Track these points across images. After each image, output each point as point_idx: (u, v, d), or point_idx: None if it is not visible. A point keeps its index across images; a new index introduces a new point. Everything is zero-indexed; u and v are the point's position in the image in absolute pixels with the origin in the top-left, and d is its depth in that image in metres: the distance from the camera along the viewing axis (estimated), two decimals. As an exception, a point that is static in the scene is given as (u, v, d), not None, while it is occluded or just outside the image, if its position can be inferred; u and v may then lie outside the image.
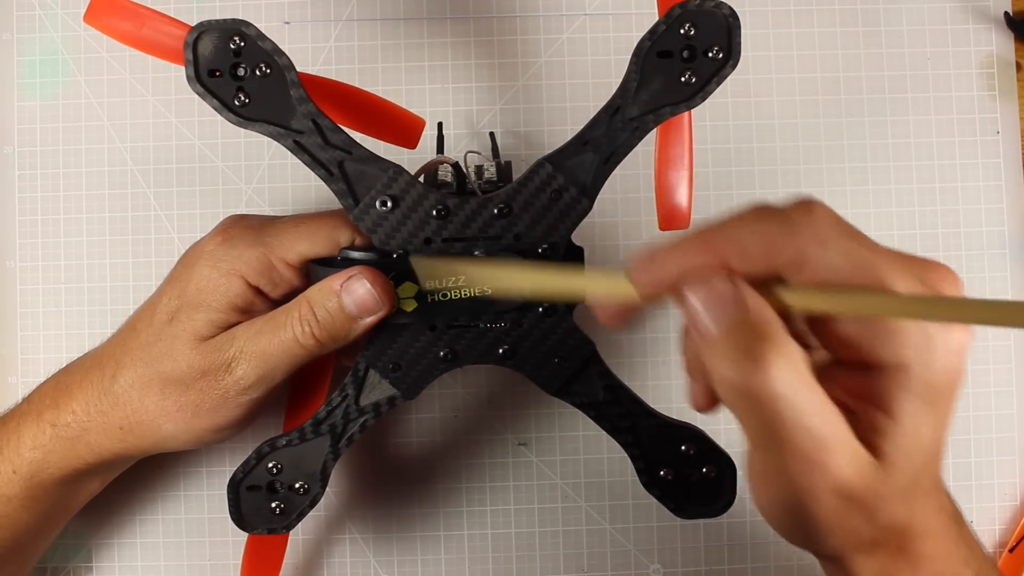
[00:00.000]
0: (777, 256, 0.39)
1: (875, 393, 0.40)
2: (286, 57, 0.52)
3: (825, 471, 0.39)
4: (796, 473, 0.39)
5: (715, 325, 0.39)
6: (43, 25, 0.70)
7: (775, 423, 0.38)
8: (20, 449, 0.56)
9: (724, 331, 0.39)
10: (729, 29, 0.51)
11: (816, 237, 0.39)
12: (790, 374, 0.38)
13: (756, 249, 0.40)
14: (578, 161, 0.53)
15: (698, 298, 0.40)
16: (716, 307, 0.39)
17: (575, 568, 0.69)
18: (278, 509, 0.56)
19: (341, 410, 0.55)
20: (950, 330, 0.39)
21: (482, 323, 0.54)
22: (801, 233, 0.39)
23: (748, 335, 0.39)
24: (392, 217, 0.53)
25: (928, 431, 0.40)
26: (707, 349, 0.40)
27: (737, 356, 0.39)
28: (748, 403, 0.39)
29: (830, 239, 0.39)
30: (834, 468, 0.39)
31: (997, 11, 0.70)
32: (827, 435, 0.38)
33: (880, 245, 0.40)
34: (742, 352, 0.38)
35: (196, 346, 0.54)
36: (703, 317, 0.40)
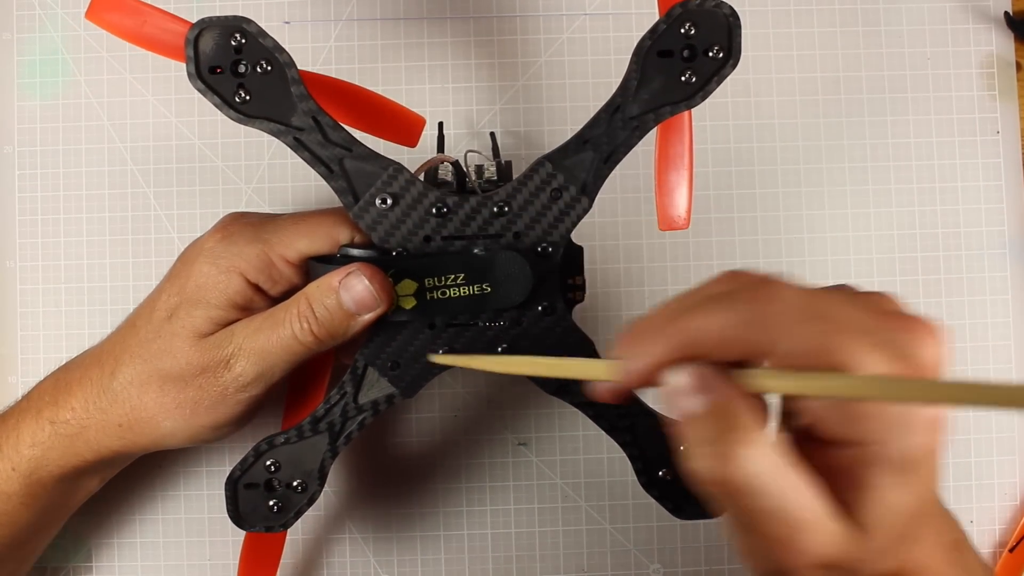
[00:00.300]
0: (748, 345, 0.39)
1: (849, 466, 0.39)
2: (287, 54, 0.52)
3: (803, 551, 0.38)
4: (774, 554, 0.39)
5: (684, 416, 0.39)
6: (43, 25, 0.70)
7: (749, 510, 0.38)
8: (19, 446, 0.56)
9: (692, 422, 0.39)
10: (729, 28, 0.52)
11: (779, 326, 0.38)
12: (760, 463, 0.37)
13: (728, 337, 0.39)
14: (578, 160, 0.53)
15: (668, 392, 0.40)
16: (684, 399, 0.39)
17: (575, 568, 0.69)
18: (276, 507, 0.55)
19: (339, 408, 0.55)
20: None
21: (481, 321, 0.54)
22: (765, 323, 0.38)
23: (716, 426, 0.38)
24: (392, 215, 0.53)
25: (907, 496, 0.39)
26: (680, 437, 0.40)
27: (706, 449, 0.38)
28: (722, 492, 0.38)
29: (791, 327, 0.38)
30: (811, 547, 0.38)
31: (997, 11, 0.70)
32: (801, 517, 0.38)
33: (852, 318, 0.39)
34: (711, 444, 0.38)
35: (195, 343, 0.54)
36: (673, 407, 0.39)
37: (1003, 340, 0.70)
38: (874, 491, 0.39)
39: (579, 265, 0.56)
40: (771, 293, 0.39)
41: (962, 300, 0.70)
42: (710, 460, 0.38)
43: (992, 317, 0.70)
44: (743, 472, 0.37)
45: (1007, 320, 0.70)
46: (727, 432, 0.38)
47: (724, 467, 0.37)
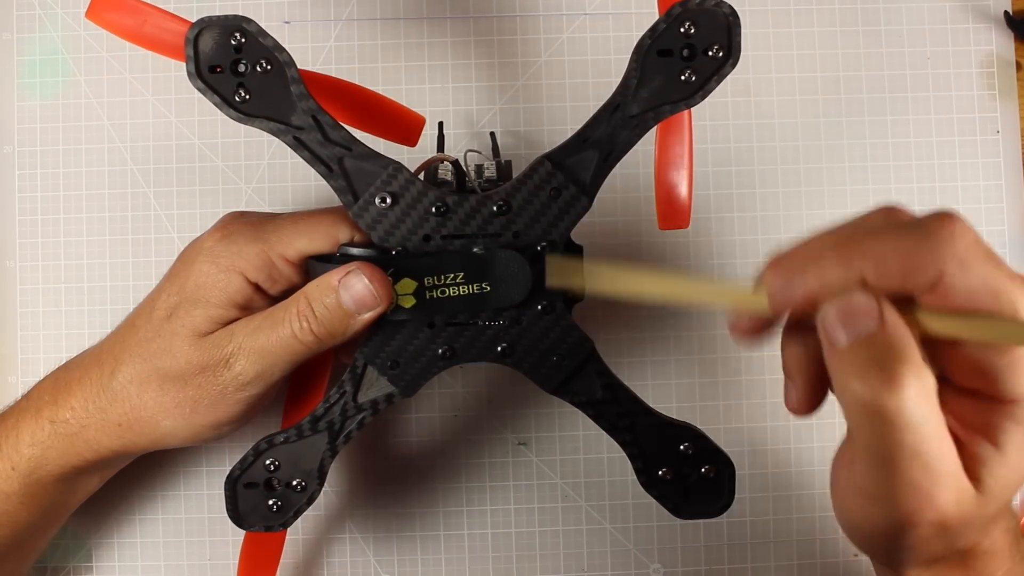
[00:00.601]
0: (915, 274, 0.39)
1: (986, 423, 0.40)
2: (287, 53, 0.52)
3: (931, 503, 0.38)
4: (903, 499, 0.39)
5: (851, 337, 0.39)
6: (43, 25, 0.70)
7: (895, 445, 0.38)
8: (19, 446, 0.56)
9: (860, 345, 0.39)
10: (729, 28, 0.52)
11: (957, 258, 0.38)
12: (921, 399, 0.37)
13: (894, 265, 0.39)
14: (578, 159, 0.53)
15: (837, 310, 0.39)
16: (855, 320, 0.39)
17: (575, 568, 0.69)
18: (275, 506, 0.55)
19: (339, 407, 0.55)
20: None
21: (481, 320, 0.54)
22: (941, 252, 0.38)
23: (884, 352, 0.38)
24: (391, 214, 0.53)
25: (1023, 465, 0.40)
26: (838, 360, 0.39)
27: (870, 372, 0.38)
28: (872, 420, 0.38)
29: (970, 261, 0.38)
30: (940, 501, 0.38)
31: (997, 10, 0.70)
32: (940, 467, 0.38)
33: (1018, 273, 0.39)
34: (876, 368, 0.38)
35: (194, 342, 0.54)
36: (839, 329, 0.39)
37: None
38: (1005, 453, 0.39)
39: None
40: (948, 223, 0.39)
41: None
42: (871, 385, 0.38)
43: (992, 317, 0.70)
44: (904, 404, 0.37)
45: (1007, 320, 0.70)
46: (895, 360, 0.38)
47: (884, 394, 0.37)
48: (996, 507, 0.40)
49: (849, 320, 0.39)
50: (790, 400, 0.45)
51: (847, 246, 0.40)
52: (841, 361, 0.39)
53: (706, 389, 0.69)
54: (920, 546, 0.41)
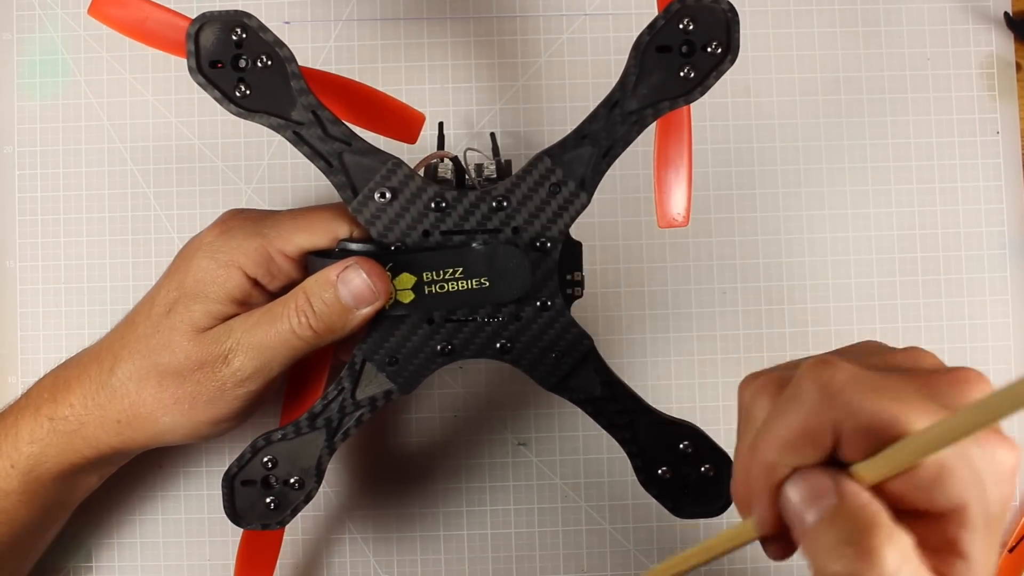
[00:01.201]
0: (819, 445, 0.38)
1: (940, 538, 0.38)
2: (287, 49, 0.52)
3: None
4: None
5: (814, 517, 0.37)
6: (43, 25, 0.70)
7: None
8: (18, 444, 0.56)
9: (825, 523, 0.37)
10: (727, 24, 0.52)
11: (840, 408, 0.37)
12: (902, 562, 0.36)
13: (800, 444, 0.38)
14: (577, 155, 0.53)
15: (796, 491, 0.38)
16: (816, 498, 0.37)
17: (575, 568, 0.69)
18: (272, 504, 0.55)
19: (337, 404, 0.55)
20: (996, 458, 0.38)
21: (480, 316, 0.54)
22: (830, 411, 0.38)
23: (852, 525, 0.36)
24: (390, 209, 0.53)
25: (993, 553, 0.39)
26: (809, 544, 0.38)
27: (844, 550, 0.36)
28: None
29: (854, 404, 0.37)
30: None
31: (997, 11, 0.70)
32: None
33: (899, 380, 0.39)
34: (849, 545, 0.36)
35: (193, 337, 0.54)
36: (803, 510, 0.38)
37: (1003, 340, 0.70)
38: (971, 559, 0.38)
39: (578, 260, 0.56)
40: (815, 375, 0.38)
41: (962, 300, 0.70)
42: (853, 562, 0.36)
43: (992, 317, 0.70)
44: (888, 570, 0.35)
45: (1007, 320, 0.70)
46: (868, 530, 0.36)
47: (870, 568, 0.35)
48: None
49: (809, 499, 0.38)
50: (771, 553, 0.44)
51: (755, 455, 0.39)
52: (812, 545, 0.37)
53: (705, 390, 0.69)
54: None
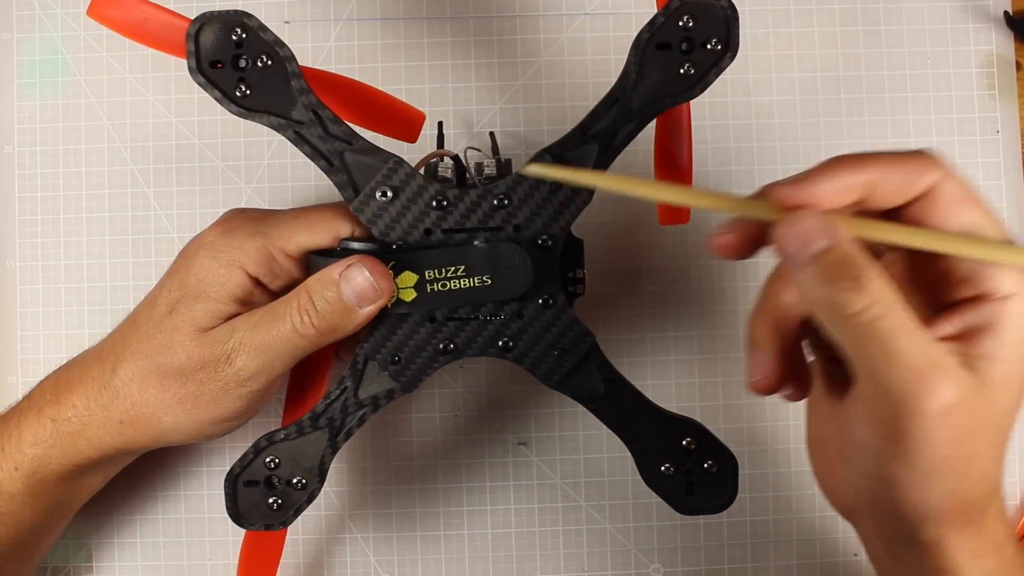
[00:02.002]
0: (914, 182, 0.43)
1: (978, 323, 0.42)
2: (287, 48, 0.52)
3: (935, 393, 0.40)
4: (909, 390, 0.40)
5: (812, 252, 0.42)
6: (43, 25, 0.70)
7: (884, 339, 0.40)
8: (21, 445, 0.56)
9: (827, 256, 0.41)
10: (727, 21, 0.52)
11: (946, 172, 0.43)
12: (892, 293, 0.41)
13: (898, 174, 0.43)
14: (578, 152, 0.53)
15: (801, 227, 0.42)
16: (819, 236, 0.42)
17: (575, 568, 0.69)
18: (275, 504, 0.55)
19: (339, 403, 0.55)
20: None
21: (482, 314, 0.54)
22: (937, 167, 0.43)
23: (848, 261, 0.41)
24: (392, 208, 0.53)
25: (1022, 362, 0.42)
26: (805, 275, 0.42)
27: (841, 279, 0.41)
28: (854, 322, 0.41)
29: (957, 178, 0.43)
30: (943, 391, 0.40)
31: (997, 10, 0.70)
32: (935, 353, 0.40)
33: None
34: (846, 275, 0.41)
35: (196, 337, 0.53)
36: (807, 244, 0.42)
37: (1004, 339, 0.70)
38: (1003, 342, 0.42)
39: (580, 258, 0.56)
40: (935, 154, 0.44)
41: (962, 299, 0.70)
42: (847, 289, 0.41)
43: (993, 316, 0.70)
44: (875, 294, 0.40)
45: (1008, 319, 0.70)
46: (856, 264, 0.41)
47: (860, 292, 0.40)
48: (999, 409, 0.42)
49: (813, 235, 0.42)
50: (756, 372, 0.48)
51: (854, 159, 0.43)
52: (812, 275, 0.42)
53: (706, 389, 0.69)
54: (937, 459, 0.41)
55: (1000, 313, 0.42)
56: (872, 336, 0.40)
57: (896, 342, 0.40)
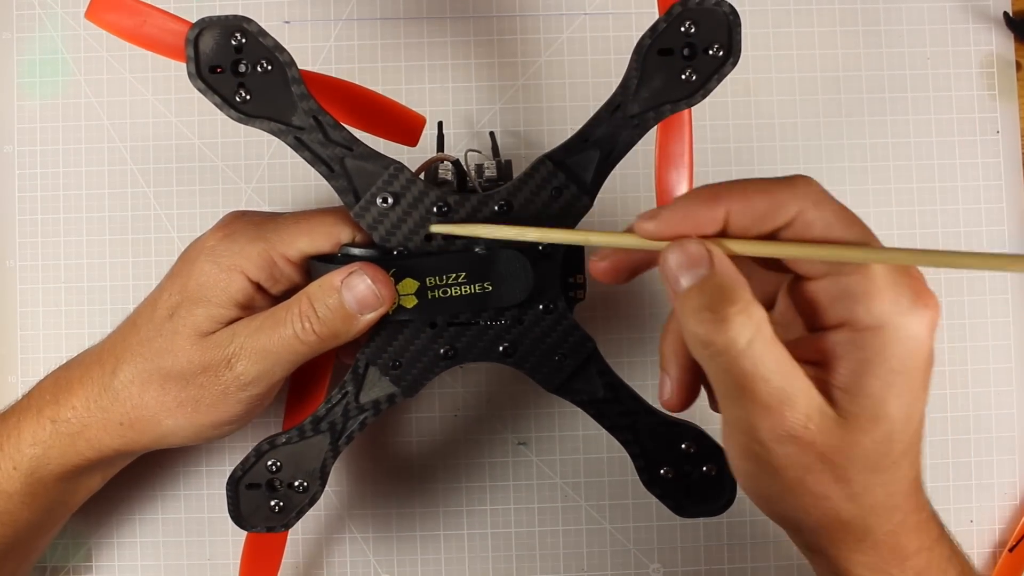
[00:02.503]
0: (777, 212, 0.43)
1: (845, 352, 0.43)
2: (287, 53, 0.52)
3: (783, 419, 0.41)
4: (758, 421, 0.42)
5: (686, 283, 0.42)
6: (43, 24, 0.70)
7: (738, 375, 0.41)
8: (20, 445, 0.56)
9: (693, 289, 0.42)
10: (729, 27, 0.52)
11: (812, 198, 0.43)
12: (751, 330, 0.41)
13: (759, 205, 0.43)
14: (579, 158, 0.53)
15: (674, 257, 0.43)
16: (689, 266, 0.42)
17: (575, 568, 0.69)
18: (277, 507, 0.55)
19: (341, 408, 0.55)
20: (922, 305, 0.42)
21: (482, 320, 0.54)
22: (800, 193, 0.43)
23: (714, 294, 0.42)
24: (393, 214, 0.53)
25: (896, 401, 0.42)
26: (679, 306, 0.43)
27: (703, 313, 0.41)
28: (713, 356, 0.42)
29: (825, 201, 0.43)
30: (792, 416, 0.41)
31: (997, 11, 0.70)
32: (786, 386, 0.41)
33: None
34: (707, 310, 0.41)
35: (196, 341, 0.53)
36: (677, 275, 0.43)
37: (1003, 340, 0.70)
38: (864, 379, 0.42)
39: (580, 264, 0.56)
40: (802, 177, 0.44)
41: (962, 300, 0.70)
42: (707, 325, 0.41)
43: (992, 317, 0.70)
44: (736, 336, 0.41)
45: (1007, 320, 0.70)
46: (724, 300, 0.41)
47: (718, 331, 0.41)
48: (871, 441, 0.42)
49: (683, 266, 0.43)
50: (663, 393, 0.49)
51: (715, 187, 0.44)
52: (680, 306, 0.43)
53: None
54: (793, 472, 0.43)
55: (866, 345, 0.42)
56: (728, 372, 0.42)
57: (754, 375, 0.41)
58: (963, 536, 0.68)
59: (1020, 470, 0.70)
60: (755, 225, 0.43)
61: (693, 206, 0.43)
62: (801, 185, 0.43)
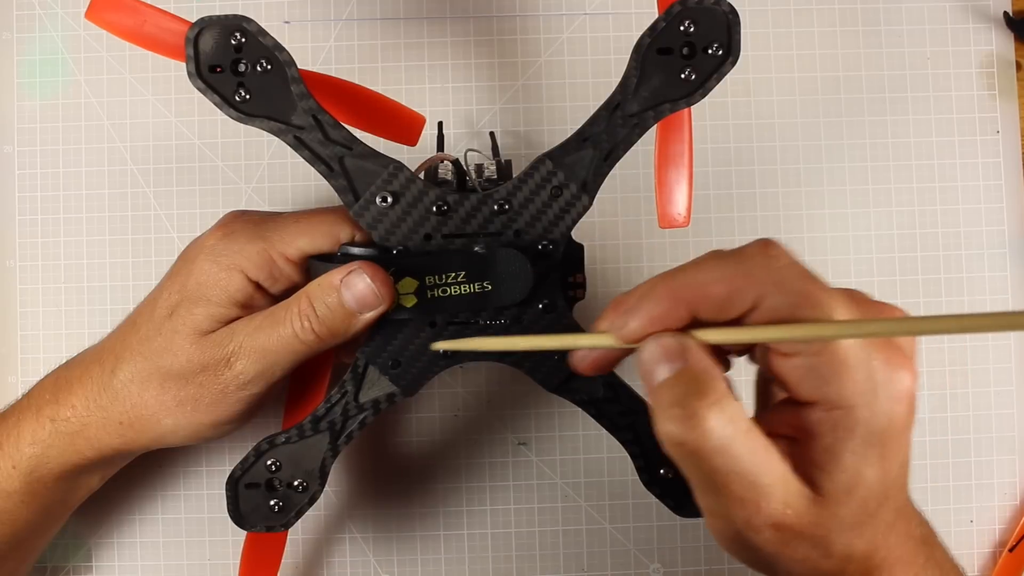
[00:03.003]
0: (738, 300, 0.42)
1: (818, 430, 0.42)
2: (287, 53, 0.52)
3: (758, 510, 0.41)
4: (734, 513, 0.41)
5: (661, 376, 0.42)
6: (43, 25, 0.70)
7: (711, 472, 0.41)
8: (19, 444, 0.56)
9: (665, 385, 0.42)
10: (729, 26, 0.52)
11: (773, 280, 0.42)
12: (723, 427, 0.40)
13: (718, 294, 0.42)
14: (578, 158, 0.53)
15: (649, 352, 0.43)
16: (665, 360, 0.42)
17: (575, 568, 0.69)
18: (277, 507, 0.55)
19: (340, 407, 0.55)
20: (895, 377, 0.42)
21: (482, 320, 0.54)
22: (759, 277, 0.42)
23: (684, 390, 0.41)
24: (392, 213, 0.53)
25: (872, 470, 0.42)
26: (654, 404, 0.42)
27: (673, 412, 0.41)
28: (684, 454, 0.41)
29: (787, 282, 0.42)
30: (767, 507, 0.41)
31: (997, 10, 0.70)
32: (760, 478, 0.41)
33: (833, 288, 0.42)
34: (678, 408, 0.41)
35: (196, 340, 0.53)
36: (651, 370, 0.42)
37: (1002, 339, 0.70)
38: (838, 457, 0.42)
39: (580, 263, 0.56)
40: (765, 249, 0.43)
41: (962, 300, 0.70)
42: (678, 423, 0.40)
43: (992, 317, 0.70)
44: (707, 435, 0.40)
45: (1007, 319, 0.70)
46: (695, 397, 0.41)
47: (689, 431, 0.40)
48: (849, 512, 0.42)
49: (659, 360, 0.42)
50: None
51: (675, 282, 0.43)
52: (655, 402, 0.42)
53: (706, 389, 0.69)
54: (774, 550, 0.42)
55: (834, 425, 0.42)
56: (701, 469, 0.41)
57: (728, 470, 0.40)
58: (963, 536, 0.68)
59: (1020, 470, 0.70)
60: (720, 314, 0.42)
61: (656, 309, 0.43)
62: (759, 263, 0.42)
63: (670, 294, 0.42)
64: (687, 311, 0.42)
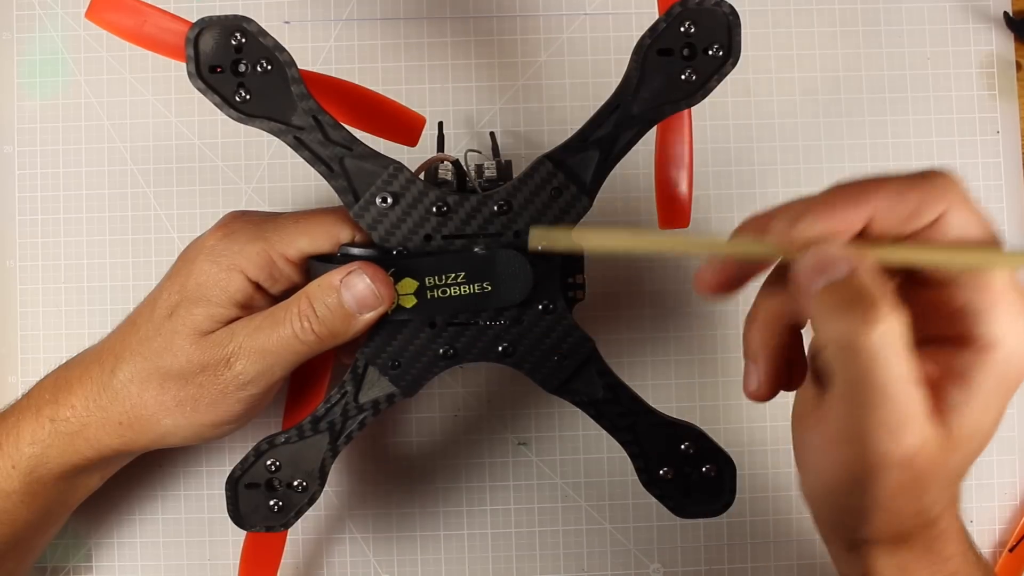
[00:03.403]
0: (921, 212, 0.42)
1: (959, 370, 0.42)
2: (287, 53, 0.52)
3: (899, 442, 0.40)
4: (876, 439, 0.40)
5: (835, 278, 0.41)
6: (43, 25, 0.70)
7: (870, 383, 0.39)
8: (19, 444, 0.56)
9: (837, 286, 0.41)
10: (729, 27, 0.52)
11: (958, 198, 0.42)
12: (895, 338, 0.39)
13: (905, 205, 0.42)
14: (578, 159, 0.53)
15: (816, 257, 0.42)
16: (832, 266, 0.41)
17: (575, 568, 0.69)
18: (276, 507, 0.55)
19: (340, 407, 0.55)
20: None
21: (482, 320, 0.54)
22: (947, 194, 0.42)
23: (860, 293, 0.40)
24: (392, 214, 0.53)
25: (989, 418, 0.42)
26: (817, 303, 0.41)
27: (849, 310, 0.40)
28: (850, 357, 0.40)
29: (968, 202, 0.42)
30: (907, 440, 0.40)
31: (997, 11, 0.70)
32: (908, 408, 0.40)
33: None
34: (854, 307, 0.40)
35: (195, 341, 0.53)
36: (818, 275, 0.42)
37: (1003, 340, 0.70)
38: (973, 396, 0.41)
39: (579, 264, 0.56)
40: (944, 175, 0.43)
41: (962, 300, 0.70)
42: (853, 321, 0.39)
43: (992, 317, 0.70)
44: (879, 340, 0.39)
45: (1007, 320, 0.70)
46: (872, 299, 0.40)
47: (864, 329, 0.39)
48: (962, 458, 0.42)
49: (827, 267, 0.41)
50: (751, 383, 0.48)
51: (855, 191, 0.43)
52: (821, 303, 0.41)
53: (706, 389, 0.69)
54: (889, 494, 0.41)
55: (979, 364, 0.41)
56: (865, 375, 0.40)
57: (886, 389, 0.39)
58: (963, 536, 0.68)
59: (1020, 470, 0.69)
60: (898, 226, 0.42)
61: (839, 205, 0.42)
62: (947, 182, 0.42)
63: (855, 201, 0.42)
64: (867, 215, 0.42)
